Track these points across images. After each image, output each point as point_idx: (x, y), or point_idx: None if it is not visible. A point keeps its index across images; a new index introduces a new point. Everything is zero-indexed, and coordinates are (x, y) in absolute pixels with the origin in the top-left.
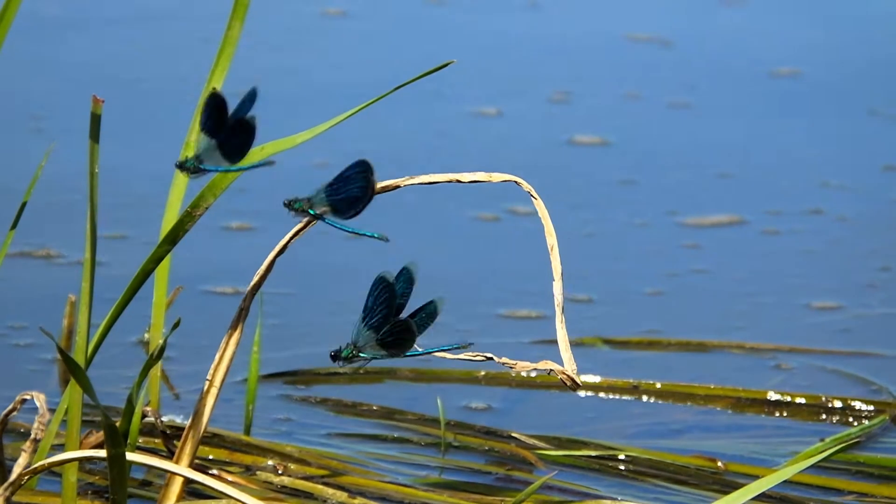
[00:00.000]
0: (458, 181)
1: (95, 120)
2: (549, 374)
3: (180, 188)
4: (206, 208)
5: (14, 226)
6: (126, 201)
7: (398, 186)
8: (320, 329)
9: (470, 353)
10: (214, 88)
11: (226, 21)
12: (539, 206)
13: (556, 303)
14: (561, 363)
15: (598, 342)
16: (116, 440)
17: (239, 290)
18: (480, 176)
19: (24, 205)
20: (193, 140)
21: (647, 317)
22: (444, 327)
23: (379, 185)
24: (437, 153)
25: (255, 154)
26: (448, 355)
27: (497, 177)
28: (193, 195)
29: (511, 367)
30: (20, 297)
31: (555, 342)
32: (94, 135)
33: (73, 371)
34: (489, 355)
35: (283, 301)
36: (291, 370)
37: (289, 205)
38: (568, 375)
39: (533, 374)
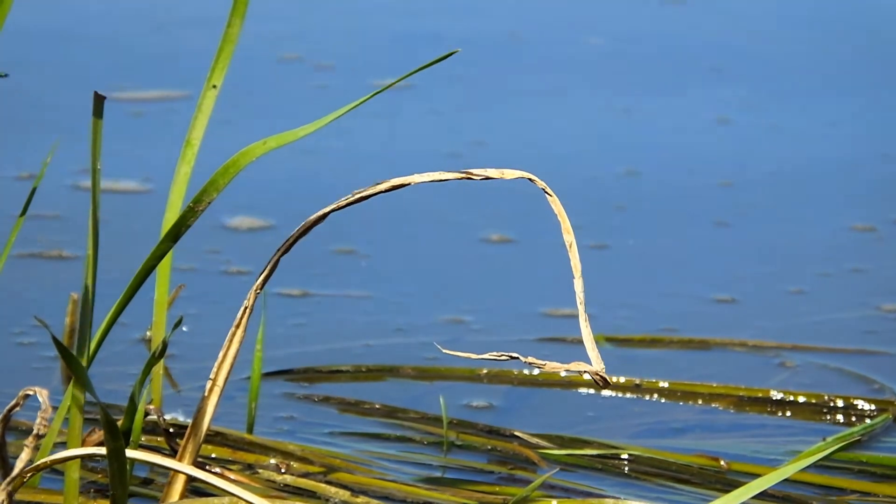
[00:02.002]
0: (470, 178)
1: (97, 117)
2: (580, 374)
3: (181, 186)
4: (209, 203)
5: (23, 212)
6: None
7: (408, 184)
8: (322, 327)
9: (494, 353)
10: (214, 86)
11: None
12: (555, 203)
13: (577, 301)
14: (588, 361)
15: (601, 340)
16: (116, 436)
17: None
18: (492, 172)
19: (32, 191)
20: (193, 139)
21: None
22: (465, 325)
23: (389, 183)
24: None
25: (257, 148)
26: None
27: (509, 173)
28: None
29: (540, 368)
30: (30, 297)
31: (556, 340)
32: (96, 132)
33: (71, 367)
34: (515, 354)
35: (285, 299)
36: (294, 368)
37: None
38: (599, 375)
39: (536, 372)
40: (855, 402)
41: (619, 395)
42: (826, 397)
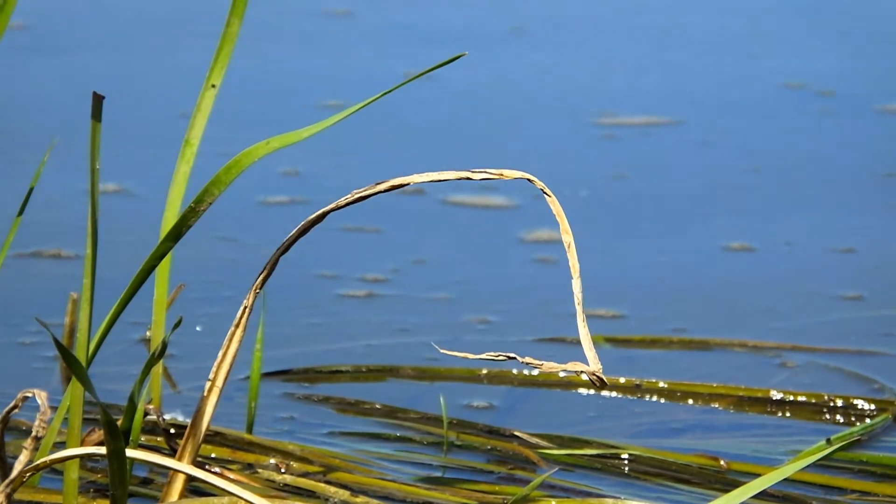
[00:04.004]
0: (469, 178)
1: (96, 117)
2: (577, 374)
3: (180, 185)
4: (210, 203)
5: (20, 212)
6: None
7: (408, 184)
8: (323, 326)
9: (492, 353)
10: (213, 86)
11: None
12: (553, 203)
13: (576, 301)
14: (586, 362)
15: (601, 340)
16: (116, 436)
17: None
18: (491, 173)
19: (30, 191)
20: (192, 138)
21: None
22: (466, 324)
23: (388, 183)
24: None
25: (260, 148)
26: None
27: (509, 174)
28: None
29: (538, 368)
30: (28, 296)
31: (557, 340)
32: (95, 131)
33: (71, 367)
34: (512, 355)
35: (286, 298)
36: (294, 368)
37: None
38: (596, 375)
39: (535, 372)
40: (855, 401)
41: (619, 395)
42: (826, 397)
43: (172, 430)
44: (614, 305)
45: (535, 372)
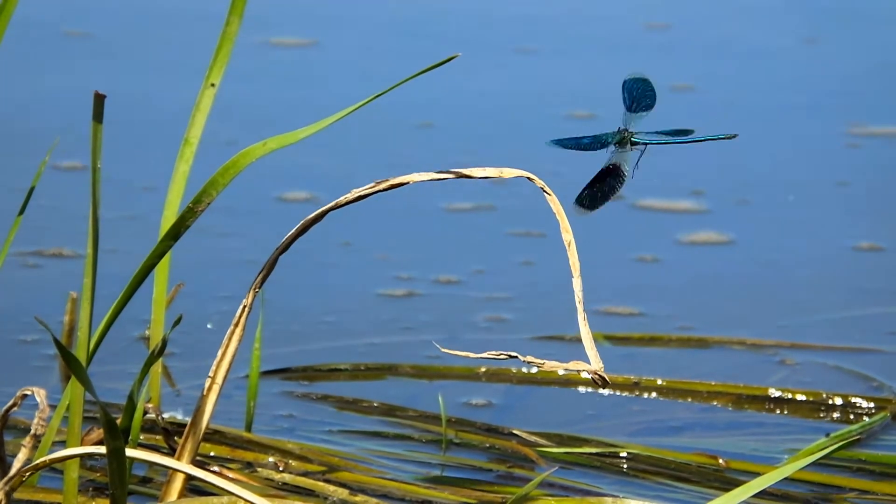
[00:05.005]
0: (470, 177)
1: (97, 117)
2: (578, 373)
3: (179, 185)
4: (209, 204)
5: (21, 211)
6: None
7: (407, 183)
8: (321, 326)
9: (493, 352)
10: (213, 84)
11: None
12: (553, 202)
13: (576, 300)
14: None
15: (600, 338)
16: (115, 435)
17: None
18: (491, 171)
19: (30, 191)
20: (191, 137)
21: None
22: (468, 323)
23: (388, 182)
24: None
25: (258, 149)
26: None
27: (508, 172)
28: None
29: (539, 367)
30: (30, 295)
31: (555, 338)
32: (96, 131)
33: (71, 366)
34: (514, 353)
35: (286, 298)
36: (293, 366)
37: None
38: (598, 374)
39: (534, 371)
40: (853, 400)
41: (618, 393)
42: (824, 395)
43: (171, 429)
44: (657, 303)
45: (535, 370)
